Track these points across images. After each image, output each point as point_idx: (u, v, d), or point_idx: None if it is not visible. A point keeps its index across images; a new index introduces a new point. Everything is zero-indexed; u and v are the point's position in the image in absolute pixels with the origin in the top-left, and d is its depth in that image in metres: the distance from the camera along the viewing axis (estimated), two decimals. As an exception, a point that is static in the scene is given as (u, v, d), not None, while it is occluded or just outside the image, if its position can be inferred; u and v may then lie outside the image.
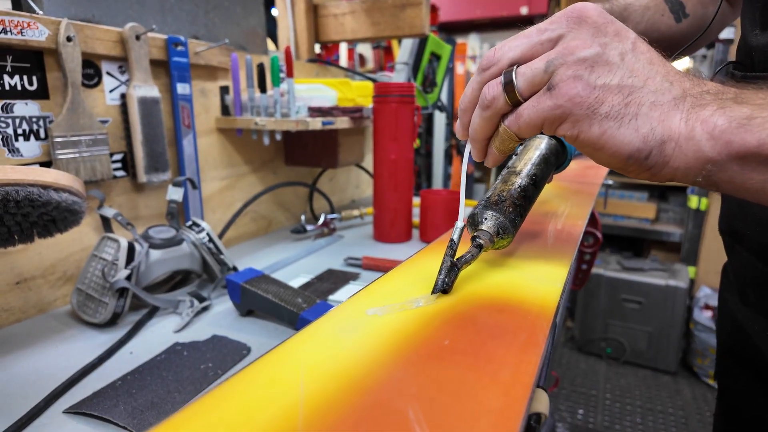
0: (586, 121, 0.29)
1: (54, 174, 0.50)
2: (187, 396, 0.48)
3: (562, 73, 0.30)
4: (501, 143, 0.35)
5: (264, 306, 0.62)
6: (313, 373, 0.23)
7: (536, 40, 0.32)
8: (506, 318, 0.30)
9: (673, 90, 0.30)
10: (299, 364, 0.24)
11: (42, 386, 0.49)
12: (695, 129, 0.28)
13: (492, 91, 0.33)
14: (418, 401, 0.21)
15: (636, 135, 0.29)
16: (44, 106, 0.64)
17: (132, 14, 0.77)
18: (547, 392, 0.30)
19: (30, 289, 0.64)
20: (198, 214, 0.84)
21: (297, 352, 0.26)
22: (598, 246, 0.98)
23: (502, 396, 0.22)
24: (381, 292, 0.34)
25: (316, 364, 0.24)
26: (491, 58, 0.34)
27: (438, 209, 0.94)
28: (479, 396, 0.22)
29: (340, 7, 1.09)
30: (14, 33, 0.59)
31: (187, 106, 0.79)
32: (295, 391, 0.22)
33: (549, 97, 0.30)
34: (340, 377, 0.23)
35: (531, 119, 0.32)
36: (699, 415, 1.97)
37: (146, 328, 0.62)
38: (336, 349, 0.26)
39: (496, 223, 0.38)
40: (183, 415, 0.21)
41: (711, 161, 0.28)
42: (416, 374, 0.23)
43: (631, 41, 0.31)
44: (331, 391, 0.22)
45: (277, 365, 0.24)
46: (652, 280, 2.16)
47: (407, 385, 0.22)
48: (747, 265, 0.57)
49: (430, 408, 0.21)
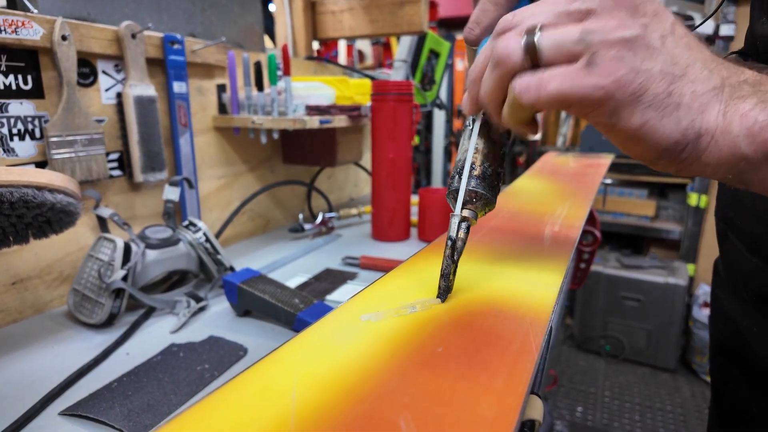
0: (628, 108, 0.26)
1: (48, 175, 0.49)
2: (183, 398, 0.48)
3: (604, 51, 0.26)
4: (514, 111, 0.31)
5: (261, 307, 0.62)
6: (305, 382, 0.23)
7: (563, 9, 0.27)
8: (501, 324, 0.30)
9: (713, 79, 0.27)
10: (292, 371, 0.24)
11: (38, 388, 0.49)
12: (733, 123, 0.26)
13: (507, 44, 0.28)
14: (411, 412, 0.21)
15: (677, 128, 0.27)
16: (39, 106, 0.63)
17: (128, 12, 0.76)
18: (541, 397, 0.30)
19: (26, 289, 0.64)
20: (195, 213, 0.84)
21: (290, 359, 0.26)
22: (597, 245, 0.97)
23: (496, 405, 0.22)
24: (376, 297, 0.34)
25: (309, 372, 0.24)
26: (509, 21, 0.29)
27: (436, 208, 0.94)
28: (472, 405, 0.22)
29: (339, 4, 1.09)
30: (8, 32, 0.58)
31: (183, 104, 0.79)
32: (287, 400, 0.22)
33: (588, 73, 0.26)
34: (333, 386, 0.23)
35: (561, 93, 0.27)
36: (698, 413, 1.97)
37: (143, 329, 0.62)
38: (329, 357, 0.26)
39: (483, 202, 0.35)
40: (175, 424, 0.21)
41: (746, 159, 0.26)
42: (409, 383, 0.23)
43: (671, 23, 0.28)
44: (323, 400, 0.22)
45: (269, 373, 0.24)
46: (652, 278, 2.16)
47: (400, 395, 0.22)
48: (738, 255, 0.57)
49: (422, 419, 0.20)
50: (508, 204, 0.63)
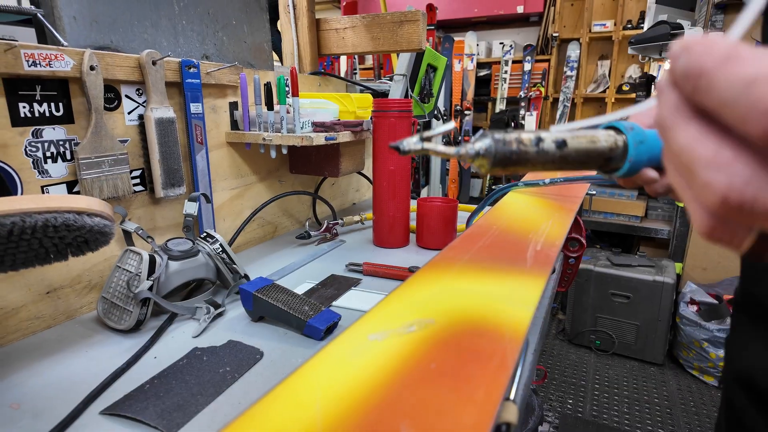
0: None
1: (87, 201, 0.56)
2: (209, 398, 0.54)
3: None
4: None
5: (274, 313, 0.68)
6: (326, 395, 0.30)
7: None
8: (483, 342, 0.36)
9: None
10: (315, 386, 0.31)
11: (77, 389, 0.55)
12: None
13: None
14: (410, 419, 0.27)
15: None
16: (70, 130, 0.69)
17: (147, 38, 0.82)
18: (517, 402, 0.37)
19: (59, 297, 0.70)
20: (210, 223, 0.90)
21: (312, 375, 0.32)
22: (582, 251, 1.04)
23: (476, 413, 0.28)
24: (380, 317, 0.40)
25: (329, 386, 0.31)
26: None
27: (433, 217, 1.00)
28: (457, 413, 0.28)
29: (342, 22, 1.14)
30: (43, 65, 0.64)
31: (200, 124, 0.84)
32: (313, 411, 0.28)
33: None
34: (348, 398, 0.29)
35: None
36: (683, 405, 2.06)
37: (167, 334, 0.68)
38: (344, 373, 0.32)
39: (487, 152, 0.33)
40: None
41: None
42: (409, 396, 0.30)
43: None
44: (341, 410, 0.28)
45: (297, 387, 0.31)
46: (640, 276, 2.24)
47: (401, 405, 0.29)
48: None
49: (419, 425, 0.27)
50: (498, 222, 0.70)
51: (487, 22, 3.52)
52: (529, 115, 3.35)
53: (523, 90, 3.38)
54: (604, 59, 3.34)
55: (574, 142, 0.35)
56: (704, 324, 2.11)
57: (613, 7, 3.21)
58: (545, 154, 0.34)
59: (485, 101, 3.59)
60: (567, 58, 3.32)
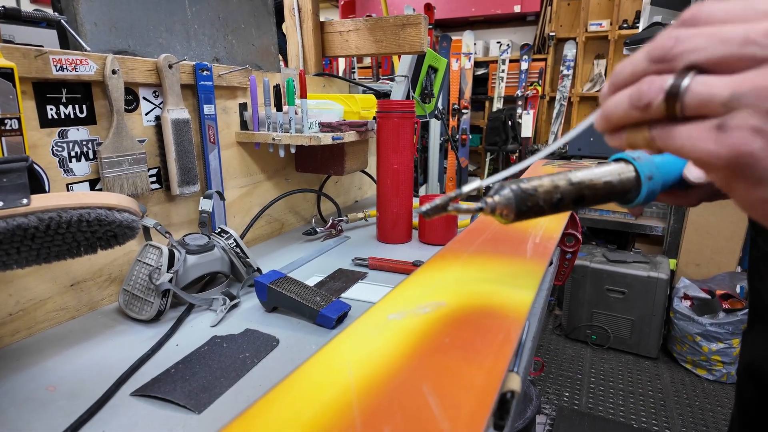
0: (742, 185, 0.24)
1: (117, 197, 0.59)
2: (232, 381, 0.58)
3: (743, 117, 0.23)
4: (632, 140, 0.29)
5: (288, 304, 0.72)
6: (356, 363, 0.34)
7: (736, 51, 0.23)
8: (490, 321, 0.41)
9: None
10: (345, 356, 0.35)
11: (107, 374, 0.59)
12: None
13: (649, 94, 0.26)
14: (429, 381, 0.32)
15: None
16: (92, 131, 0.73)
17: (162, 42, 0.85)
18: (519, 375, 0.41)
19: (82, 290, 0.74)
20: (222, 220, 0.94)
21: (342, 347, 0.36)
22: (578, 246, 1.08)
23: (485, 378, 0.33)
24: (397, 300, 0.44)
25: (357, 356, 0.35)
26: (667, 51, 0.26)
27: (435, 213, 1.04)
28: (469, 377, 0.32)
29: (345, 25, 1.18)
30: (69, 69, 0.68)
31: (212, 124, 0.88)
32: (345, 376, 0.32)
33: (711, 138, 0.24)
34: (375, 365, 0.33)
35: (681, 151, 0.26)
36: (677, 397, 2.11)
37: (186, 324, 0.72)
38: (369, 345, 0.36)
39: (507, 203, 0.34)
40: (273, 393, 0.31)
41: None
42: (427, 364, 0.34)
43: None
44: (369, 374, 0.32)
45: (330, 357, 0.35)
46: (635, 272, 2.29)
47: (421, 371, 0.33)
48: None
49: (437, 386, 0.31)
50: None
51: (484, 22, 3.57)
52: (526, 113, 3.40)
53: (520, 89, 3.43)
54: (601, 58, 3.39)
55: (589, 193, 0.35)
56: (697, 318, 2.17)
57: (609, 6, 3.27)
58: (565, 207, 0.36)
59: (482, 100, 3.64)
60: (563, 57, 3.38)
